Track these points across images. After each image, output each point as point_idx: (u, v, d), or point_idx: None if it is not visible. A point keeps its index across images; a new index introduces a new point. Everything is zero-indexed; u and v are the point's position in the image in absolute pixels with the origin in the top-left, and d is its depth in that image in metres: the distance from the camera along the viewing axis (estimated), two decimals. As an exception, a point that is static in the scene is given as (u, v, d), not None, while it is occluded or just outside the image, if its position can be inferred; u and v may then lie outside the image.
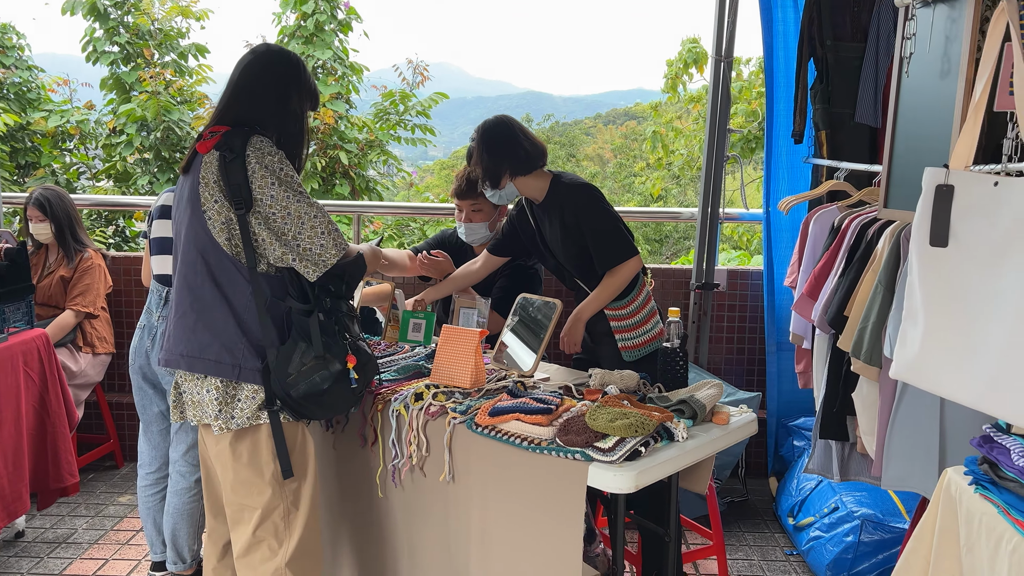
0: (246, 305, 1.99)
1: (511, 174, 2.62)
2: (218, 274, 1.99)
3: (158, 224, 2.76)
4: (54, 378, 3.18)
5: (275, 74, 2.13)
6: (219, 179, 1.97)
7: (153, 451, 2.83)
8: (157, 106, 5.29)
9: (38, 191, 3.70)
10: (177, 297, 2.04)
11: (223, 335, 1.98)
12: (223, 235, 1.98)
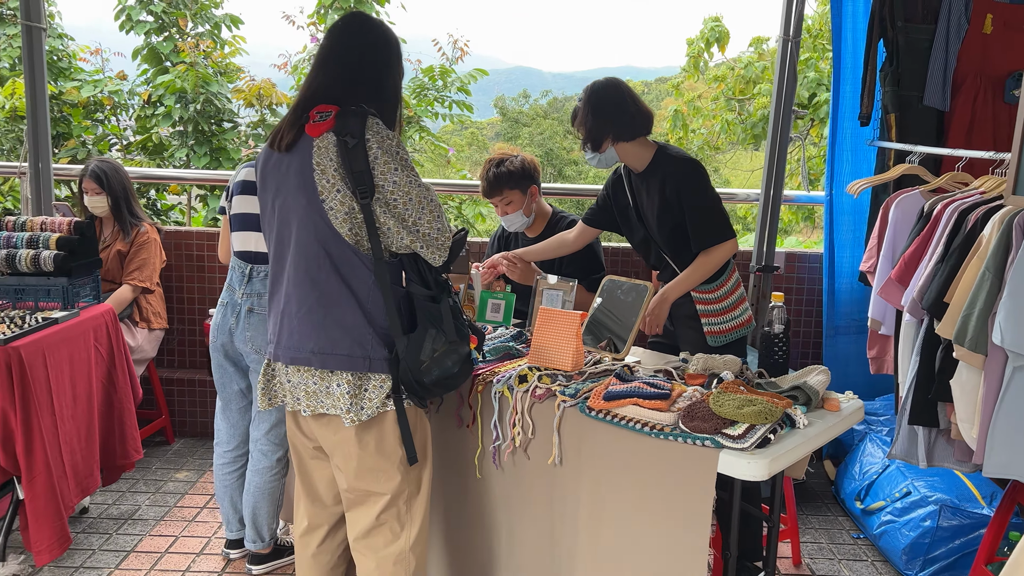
0: (370, 295, 1.96)
1: (614, 139, 2.56)
2: (341, 266, 1.94)
3: (239, 200, 2.72)
4: (120, 354, 3.15)
5: (372, 46, 2.03)
6: (340, 167, 1.90)
7: (232, 429, 2.81)
8: (196, 77, 5.20)
9: (94, 163, 3.64)
10: (299, 291, 1.98)
11: (352, 328, 1.95)
12: (345, 226, 1.92)
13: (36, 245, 2.92)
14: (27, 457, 2.60)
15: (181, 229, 4.05)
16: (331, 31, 2.05)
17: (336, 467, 2.10)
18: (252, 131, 5.51)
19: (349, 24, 2.05)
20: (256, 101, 5.31)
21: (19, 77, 5.23)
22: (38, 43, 3.71)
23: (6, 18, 5.65)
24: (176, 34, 5.62)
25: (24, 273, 2.91)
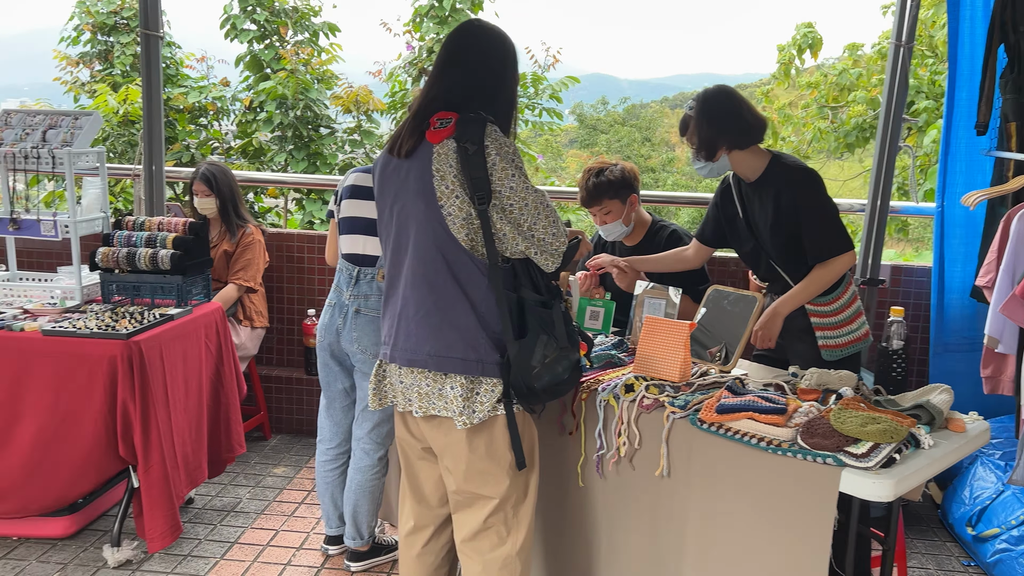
0: (483, 299, 1.97)
1: (728, 147, 2.52)
2: (457, 270, 1.97)
3: (348, 204, 2.78)
4: (228, 351, 3.25)
5: (490, 52, 2.06)
6: (459, 173, 1.93)
7: (335, 427, 2.87)
8: (296, 84, 5.36)
9: (204, 166, 3.78)
10: (416, 295, 2.01)
11: (466, 332, 1.97)
12: (463, 231, 1.95)
13: (154, 244, 3.05)
14: (144, 448, 2.71)
15: (282, 231, 4.17)
16: (450, 38, 2.08)
17: (445, 469, 2.12)
18: (348, 136, 5.64)
19: (467, 30, 2.08)
20: (353, 107, 5.44)
21: (132, 84, 5.49)
22: (155, 51, 3.88)
23: (119, 27, 5.94)
24: (277, 42, 5.81)
25: (142, 271, 3.04)
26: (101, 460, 2.75)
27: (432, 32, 5.84)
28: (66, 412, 2.69)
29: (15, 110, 3.22)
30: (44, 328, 2.70)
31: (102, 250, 3.05)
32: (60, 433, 2.71)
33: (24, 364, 2.69)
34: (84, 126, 3.12)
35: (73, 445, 2.72)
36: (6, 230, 3.06)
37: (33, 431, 2.71)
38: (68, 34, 6.29)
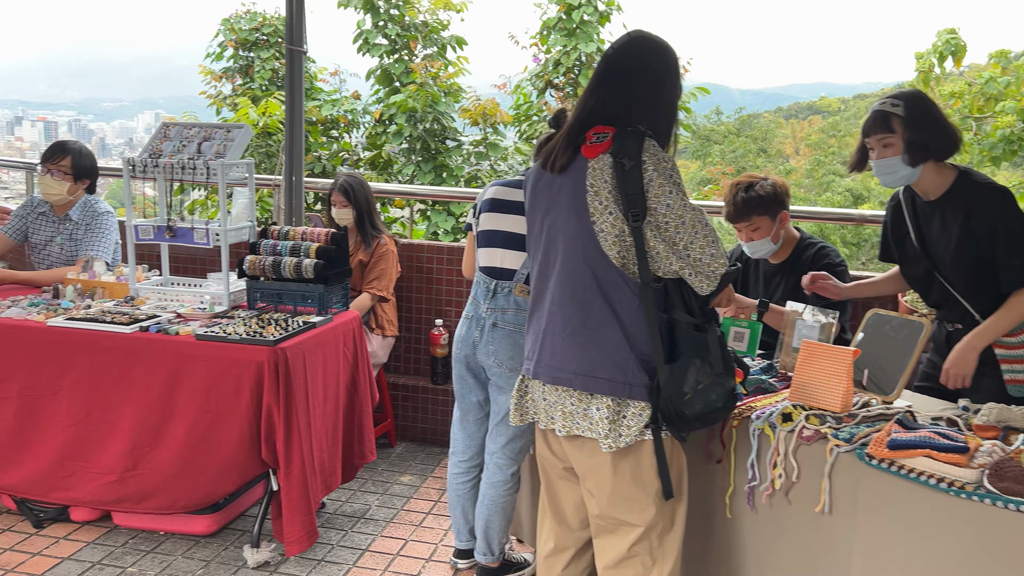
0: (633, 320, 1.91)
1: (935, 157, 2.32)
2: (607, 288, 1.92)
3: (487, 217, 2.77)
4: (363, 358, 3.31)
5: (650, 65, 2.00)
6: (614, 188, 1.88)
7: (468, 440, 2.86)
8: (426, 97, 5.46)
9: (343, 177, 3.88)
10: (563, 311, 1.97)
11: (614, 352, 1.91)
12: (615, 248, 1.90)
13: (298, 254, 3.14)
14: (286, 452, 2.77)
15: (412, 242, 4.23)
16: (610, 50, 2.03)
17: (587, 491, 2.06)
18: (474, 149, 5.70)
19: (628, 43, 2.02)
20: (481, 120, 5.49)
21: (271, 97, 5.73)
22: (299, 66, 4.02)
23: (260, 43, 6.22)
24: (406, 55, 5.93)
25: (286, 279, 3.13)
26: (245, 462, 2.84)
27: (559, 44, 5.84)
28: (215, 414, 2.79)
29: (173, 123, 3.39)
30: (197, 332, 2.81)
31: (249, 258, 3.16)
32: (208, 434, 2.81)
33: (178, 366, 2.81)
34: (236, 138, 3.24)
35: (220, 446, 2.81)
36: (163, 237, 3.21)
37: (184, 430, 2.82)
38: (213, 50, 6.66)
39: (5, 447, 3.01)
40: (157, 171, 3.18)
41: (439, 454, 4.07)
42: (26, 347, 2.93)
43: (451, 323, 4.19)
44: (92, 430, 2.92)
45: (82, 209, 3.73)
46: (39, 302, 3.19)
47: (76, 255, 3.71)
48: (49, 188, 3.63)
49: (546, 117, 5.99)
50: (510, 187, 2.75)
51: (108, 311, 3.06)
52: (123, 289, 3.33)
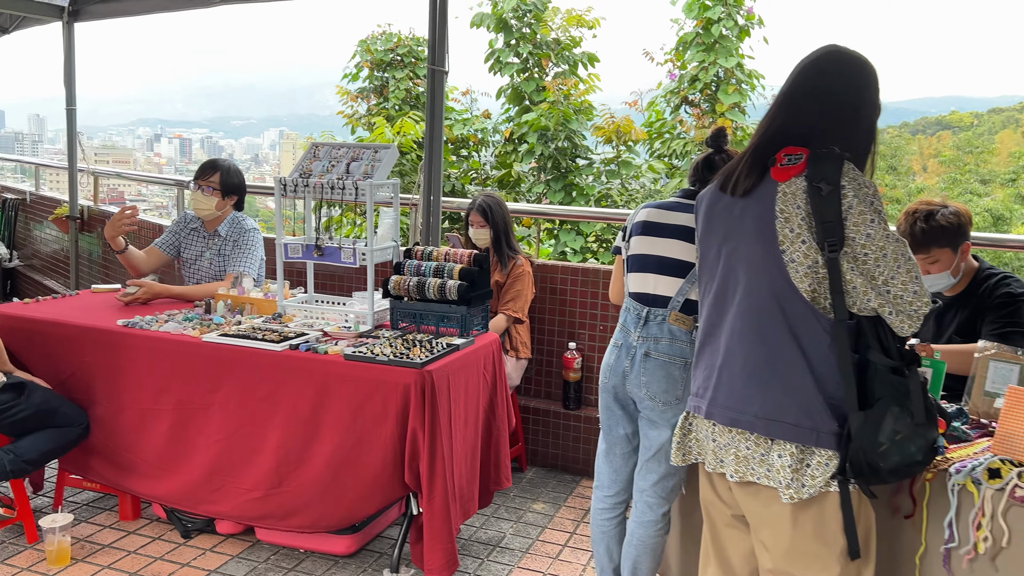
0: (823, 360, 1.74)
1: None
2: (795, 323, 1.76)
3: (638, 241, 2.64)
4: (501, 382, 3.24)
5: (848, 80, 1.83)
6: (808, 215, 1.72)
7: (614, 474, 2.73)
8: (558, 115, 5.41)
9: (481, 197, 3.85)
10: (744, 347, 1.83)
11: (800, 395, 1.75)
12: (806, 281, 1.74)
13: (442, 275, 3.11)
14: (429, 477, 2.72)
15: (547, 263, 4.15)
16: (802, 66, 1.88)
17: (760, 543, 1.89)
18: (605, 167, 5.59)
19: (822, 57, 1.86)
20: (615, 138, 5.38)
21: (405, 116, 5.81)
22: (440, 86, 4.03)
23: (395, 63, 6.33)
24: (538, 74, 5.90)
25: (430, 300, 3.10)
26: (387, 485, 2.81)
27: (696, 60, 5.66)
28: (360, 435, 2.78)
29: (323, 143, 3.44)
30: (345, 352, 2.81)
31: (395, 278, 3.16)
32: (353, 455, 2.80)
33: (326, 386, 2.81)
34: (383, 158, 3.25)
35: (364, 467, 2.79)
36: (311, 256, 3.25)
37: (330, 450, 2.82)
38: (349, 71, 6.85)
39: (160, 458, 3.10)
40: (307, 191, 3.22)
41: (571, 481, 3.95)
42: (183, 361, 3.01)
43: (584, 346, 4.08)
44: (240, 446, 2.96)
45: (230, 225, 3.85)
46: (193, 317, 3.28)
47: (224, 270, 3.82)
48: (199, 203, 3.77)
49: (680, 134, 5.82)
50: (664, 209, 2.62)
51: (258, 327, 3.12)
52: (271, 306, 3.39)
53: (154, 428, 3.10)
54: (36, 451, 2.98)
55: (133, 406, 3.12)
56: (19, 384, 2.95)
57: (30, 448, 2.97)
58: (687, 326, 2.48)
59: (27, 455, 2.96)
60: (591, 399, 4.11)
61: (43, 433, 3.02)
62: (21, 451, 2.95)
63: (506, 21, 5.80)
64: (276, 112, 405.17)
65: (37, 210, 7.70)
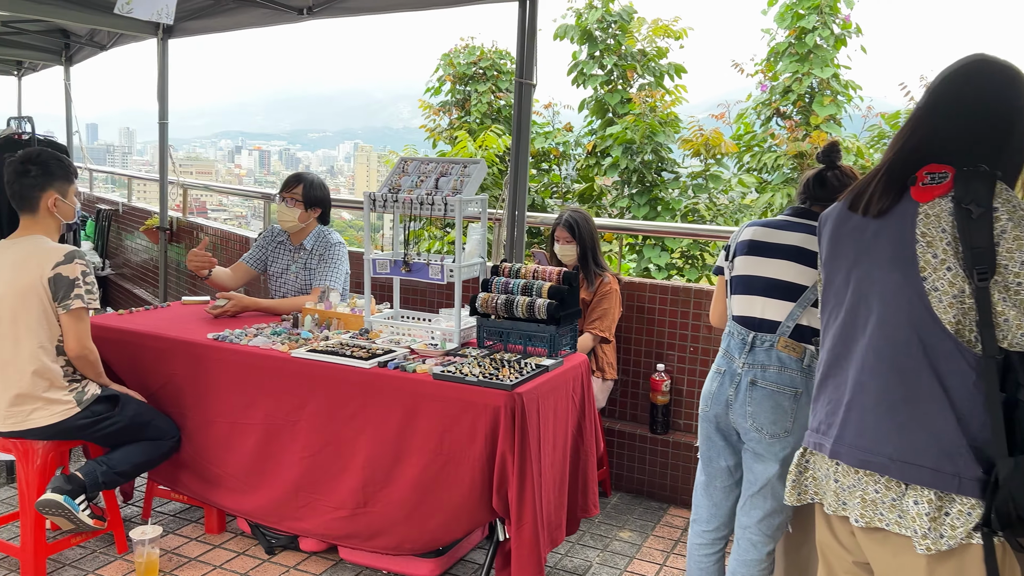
0: (968, 399, 1.58)
1: None
2: (936, 358, 1.60)
3: (744, 261, 2.50)
4: (590, 404, 3.13)
5: (998, 92, 1.66)
6: (955, 239, 1.56)
7: (713, 508, 2.59)
8: (645, 128, 5.28)
9: (568, 212, 3.75)
10: (877, 382, 1.67)
11: (941, 436, 1.59)
12: (950, 311, 1.58)
13: (530, 293, 3.02)
14: (519, 503, 2.63)
15: (634, 280, 4.02)
16: (946, 76, 1.72)
17: None
18: (692, 182, 5.42)
19: (968, 66, 1.70)
20: (704, 151, 5.22)
21: (488, 130, 5.77)
22: (527, 99, 3.96)
23: (477, 77, 6.30)
24: (621, 86, 5.78)
25: (518, 318, 3.02)
26: (474, 509, 2.73)
27: (789, 71, 5.45)
28: (448, 456, 2.71)
29: (412, 158, 3.40)
30: (434, 371, 2.75)
31: (482, 295, 3.08)
32: (440, 477, 2.72)
33: (414, 405, 2.75)
34: (472, 174, 3.19)
35: (451, 490, 2.72)
36: (398, 272, 3.21)
37: (417, 471, 2.75)
38: (432, 84, 6.87)
39: (247, 473, 3.09)
40: (396, 206, 3.18)
41: (658, 509, 3.80)
42: (271, 376, 3.00)
43: (673, 368, 3.93)
44: (327, 463, 2.92)
45: (315, 239, 3.85)
46: (281, 331, 3.28)
47: (309, 283, 3.82)
48: (283, 215, 3.78)
49: (771, 148, 5.61)
50: (773, 228, 2.48)
51: (345, 343, 3.08)
52: (357, 321, 3.36)
53: (241, 442, 3.09)
54: (128, 463, 3.01)
55: (221, 420, 3.12)
56: (113, 396, 2.98)
57: (122, 460, 2.99)
58: (797, 353, 2.33)
59: (119, 467, 2.98)
60: (679, 423, 3.95)
61: (136, 446, 3.04)
62: (114, 463, 2.97)
63: (591, 32, 5.70)
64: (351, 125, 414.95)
65: (128, 221, 7.96)
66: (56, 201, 2.96)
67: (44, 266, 2.82)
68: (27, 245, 2.88)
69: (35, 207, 2.93)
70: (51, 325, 2.83)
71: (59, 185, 2.97)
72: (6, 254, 2.89)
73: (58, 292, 2.82)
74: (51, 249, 2.86)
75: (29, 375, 2.79)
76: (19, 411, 2.82)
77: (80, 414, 2.87)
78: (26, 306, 2.80)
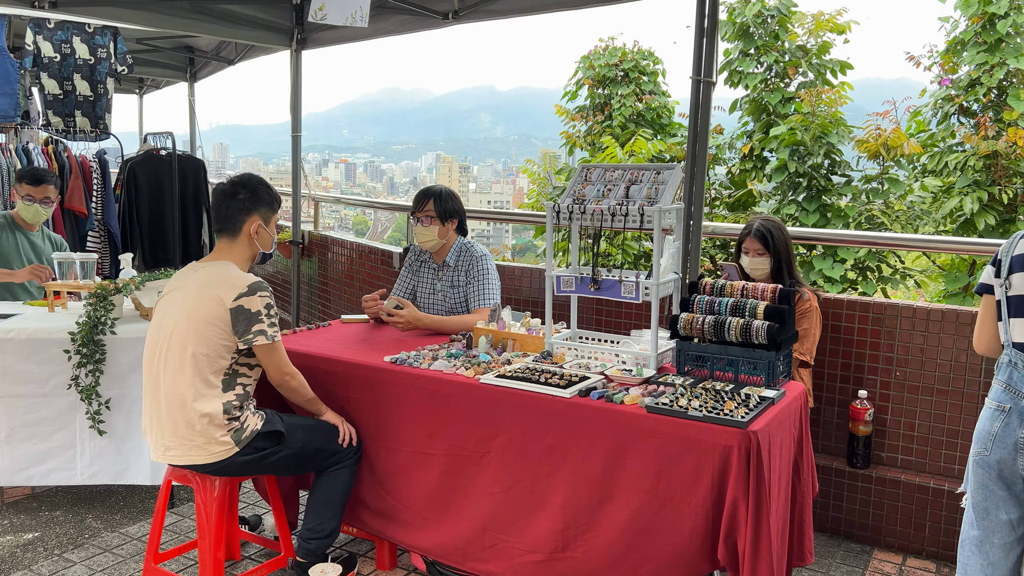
0: None
1: None
2: None
3: (1021, 278, 2.12)
4: (807, 440, 2.77)
5: None
6: None
7: (988, 568, 2.20)
8: (815, 129, 4.85)
9: (759, 221, 3.40)
10: None
11: None
12: None
13: (742, 313, 2.69)
14: (752, 555, 2.29)
15: (828, 296, 3.62)
16: None
17: None
18: (865, 185, 4.95)
19: None
20: (884, 152, 4.76)
21: (637, 135, 5.45)
22: (707, 98, 3.62)
23: (618, 79, 6.00)
24: (781, 84, 5.37)
25: (728, 342, 2.69)
26: (694, 559, 2.41)
27: (975, 62, 4.92)
28: (665, 499, 2.40)
29: (595, 166, 3.13)
30: (648, 404, 2.45)
31: (684, 316, 2.77)
32: (655, 522, 2.42)
33: (624, 441, 2.46)
34: (668, 180, 2.89)
35: (668, 537, 2.41)
36: (586, 290, 2.93)
37: (626, 515, 2.46)
38: (570, 88, 6.61)
39: (427, 506, 2.87)
40: (584, 217, 2.91)
41: (861, 552, 3.39)
42: (457, 404, 2.77)
43: (876, 395, 3.51)
44: (519, 501, 2.67)
45: (458, 254, 3.63)
46: (458, 353, 3.05)
47: (459, 302, 3.61)
48: (421, 236, 3.57)
49: (953, 147, 5.08)
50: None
51: (533, 368, 2.82)
52: (535, 342, 3.10)
53: (423, 474, 2.87)
54: (328, 516, 2.91)
55: (401, 448, 2.92)
56: (275, 432, 2.79)
57: (320, 516, 2.91)
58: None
59: (324, 526, 2.91)
60: (881, 456, 3.53)
61: (319, 497, 2.92)
62: (312, 526, 2.88)
63: (746, 28, 5.31)
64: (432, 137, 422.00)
65: (259, 234, 8.00)
66: (259, 228, 2.83)
67: (226, 297, 2.66)
68: (215, 272, 2.74)
69: (237, 231, 2.81)
70: (221, 358, 2.67)
71: (264, 212, 2.84)
72: (193, 278, 2.76)
73: (238, 325, 2.66)
74: (236, 279, 2.71)
75: (186, 409, 2.62)
76: (178, 444, 2.66)
77: (241, 452, 2.69)
78: (200, 336, 2.64)
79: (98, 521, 3.53)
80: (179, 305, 2.71)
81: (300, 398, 2.85)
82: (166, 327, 2.71)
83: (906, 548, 3.41)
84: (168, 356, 2.67)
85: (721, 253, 5.45)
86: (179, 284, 2.79)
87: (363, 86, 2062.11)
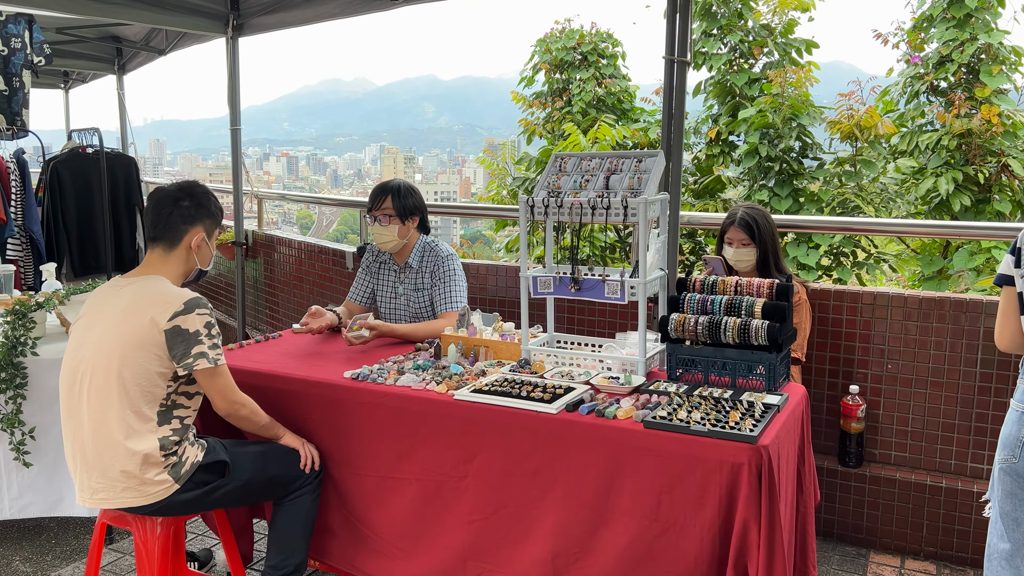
0: None
1: None
2: None
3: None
4: (808, 446, 2.57)
5: None
6: None
7: (1022, 587, 2.02)
8: (786, 110, 4.67)
9: (742, 209, 3.19)
10: None
11: None
12: None
13: (738, 312, 2.47)
14: (766, 581, 2.08)
15: (815, 287, 3.43)
16: None
17: None
18: (836, 169, 4.79)
19: None
20: (858, 134, 4.59)
21: (600, 120, 5.21)
22: (682, 80, 3.38)
23: (577, 64, 5.75)
24: (747, 65, 5.18)
25: (724, 344, 2.47)
26: (700, 586, 2.19)
27: (943, 39, 4.79)
28: (667, 524, 2.17)
29: (569, 155, 2.87)
30: (645, 418, 2.21)
31: (675, 317, 2.54)
32: (657, 548, 2.19)
33: (619, 460, 2.22)
34: (650, 168, 2.65)
35: (671, 564, 2.18)
36: (565, 291, 2.68)
37: (624, 541, 2.22)
38: (526, 74, 6.33)
39: (401, 535, 2.59)
40: (561, 212, 2.65)
41: (857, 556, 3.23)
42: (428, 423, 2.50)
43: (867, 390, 3.34)
44: (504, 528, 2.41)
45: (421, 254, 3.35)
46: (426, 365, 2.77)
47: (424, 306, 3.33)
48: (380, 236, 3.27)
49: (924, 127, 4.96)
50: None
51: (511, 380, 2.56)
52: (511, 350, 2.84)
53: (393, 500, 2.60)
54: (293, 550, 2.59)
55: (367, 474, 2.63)
56: (220, 462, 2.47)
57: (282, 551, 2.59)
58: None
59: (288, 561, 2.59)
60: (874, 454, 3.37)
61: (280, 530, 2.61)
62: (275, 563, 2.59)
63: (709, 6, 5.11)
64: (376, 128, 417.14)
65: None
66: (201, 241, 2.50)
67: (160, 317, 2.31)
68: (144, 288, 2.39)
69: (175, 242, 2.46)
70: (156, 387, 2.33)
71: (208, 224, 2.52)
72: (119, 296, 2.40)
73: (175, 348, 2.32)
74: (170, 295, 2.35)
75: (117, 449, 2.28)
76: (108, 487, 2.31)
77: (182, 489, 2.37)
78: (130, 362, 2.29)
79: (27, 564, 3.16)
80: (102, 327, 2.36)
81: (253, 426, 2.54)
82: (86, 353, 2.35)
83: (903, 549, 3.25)
84: (91, 387, 2.32)
85: (688, 242, 5.26)
86: (101, 302, 2.43)
87: (303, 77, 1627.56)
